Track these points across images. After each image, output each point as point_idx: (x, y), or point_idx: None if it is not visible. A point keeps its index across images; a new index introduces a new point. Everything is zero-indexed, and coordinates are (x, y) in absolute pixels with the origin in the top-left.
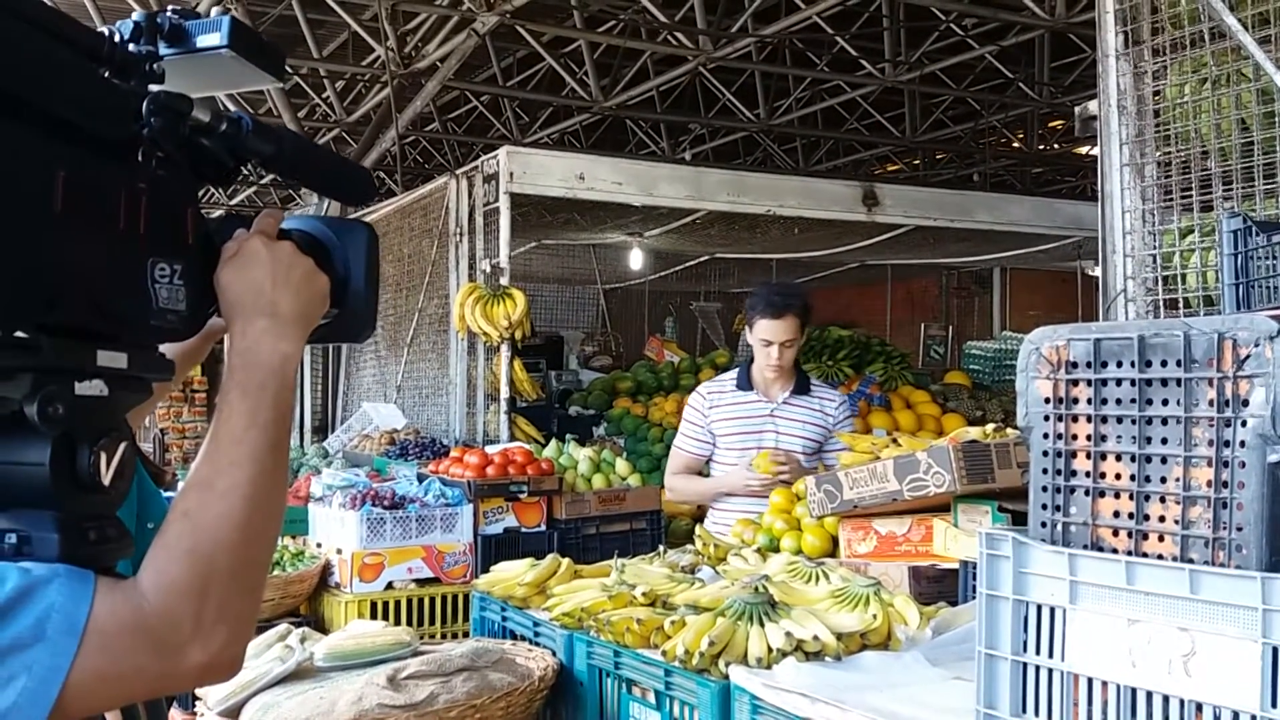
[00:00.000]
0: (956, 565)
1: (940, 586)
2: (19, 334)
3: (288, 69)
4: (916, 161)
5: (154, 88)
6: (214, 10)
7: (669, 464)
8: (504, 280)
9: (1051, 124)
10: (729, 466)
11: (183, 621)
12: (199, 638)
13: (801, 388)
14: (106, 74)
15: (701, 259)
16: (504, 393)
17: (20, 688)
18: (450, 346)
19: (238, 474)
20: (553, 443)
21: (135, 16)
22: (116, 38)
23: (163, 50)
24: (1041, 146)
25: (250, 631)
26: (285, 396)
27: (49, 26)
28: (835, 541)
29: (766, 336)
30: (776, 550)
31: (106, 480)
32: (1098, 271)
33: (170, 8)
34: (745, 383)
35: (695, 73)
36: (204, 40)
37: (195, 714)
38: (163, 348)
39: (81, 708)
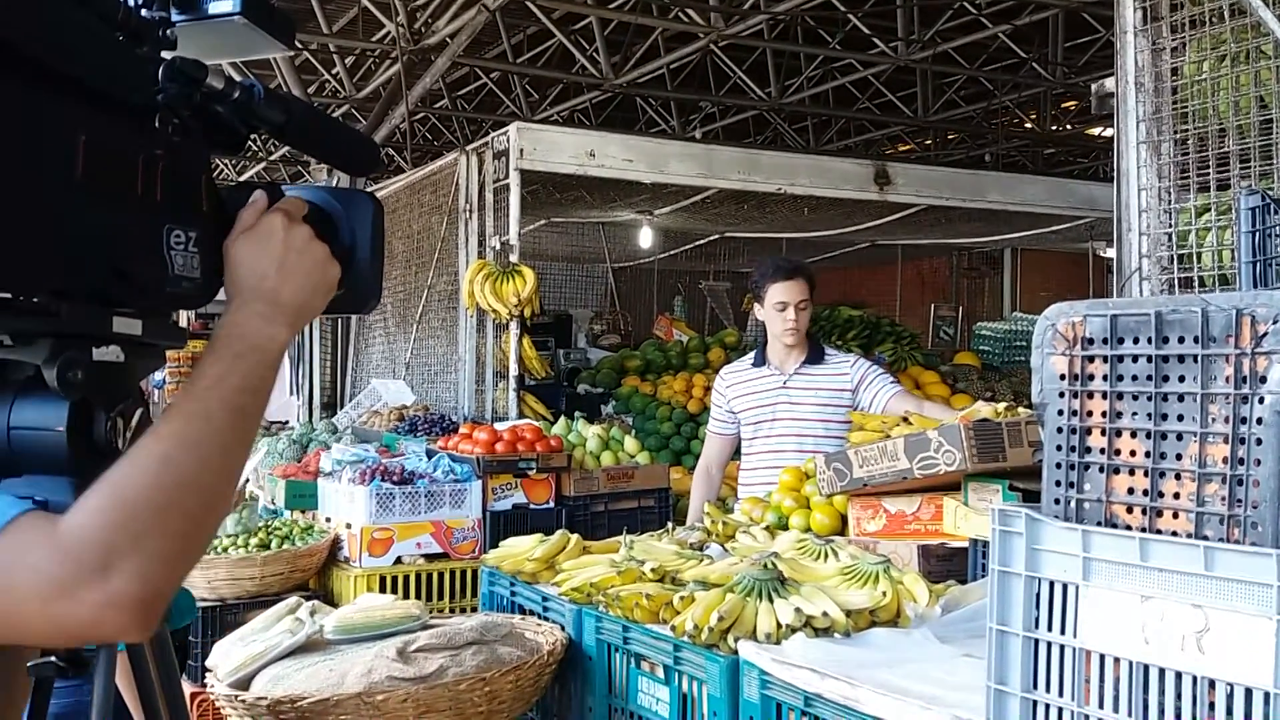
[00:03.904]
0: (966, 544)
1: (949, 565)
2: (37, 299)
3: (297, 43)
4: (928, 141)
5: (167, 54)
6: None
7: (704, 448)
8: (513, 257)
9: (1065, 104)
10: (749, 441)
11: (87, 539)
12: (102, 564)
13: (815, 357)
14: (122, 39)
15: (711, 238)
16: (513, 370)
17: None
18: (459, 323)
19: (182, 424)
20: (561, 420)
21: None
22: (131, 2)
23: (175, 16)
24: (1054, 127)
25: (168, 579)
26: (262, 373)
27: None
28: (844, 520)
29: (782, 299)
30: (785, 528)
31: (123, 446)
32: (1110, 253)
33: None
34: (761, 360)
35: (706, 50)
36: (216, 7)
37: (206, 686)
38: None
39: None
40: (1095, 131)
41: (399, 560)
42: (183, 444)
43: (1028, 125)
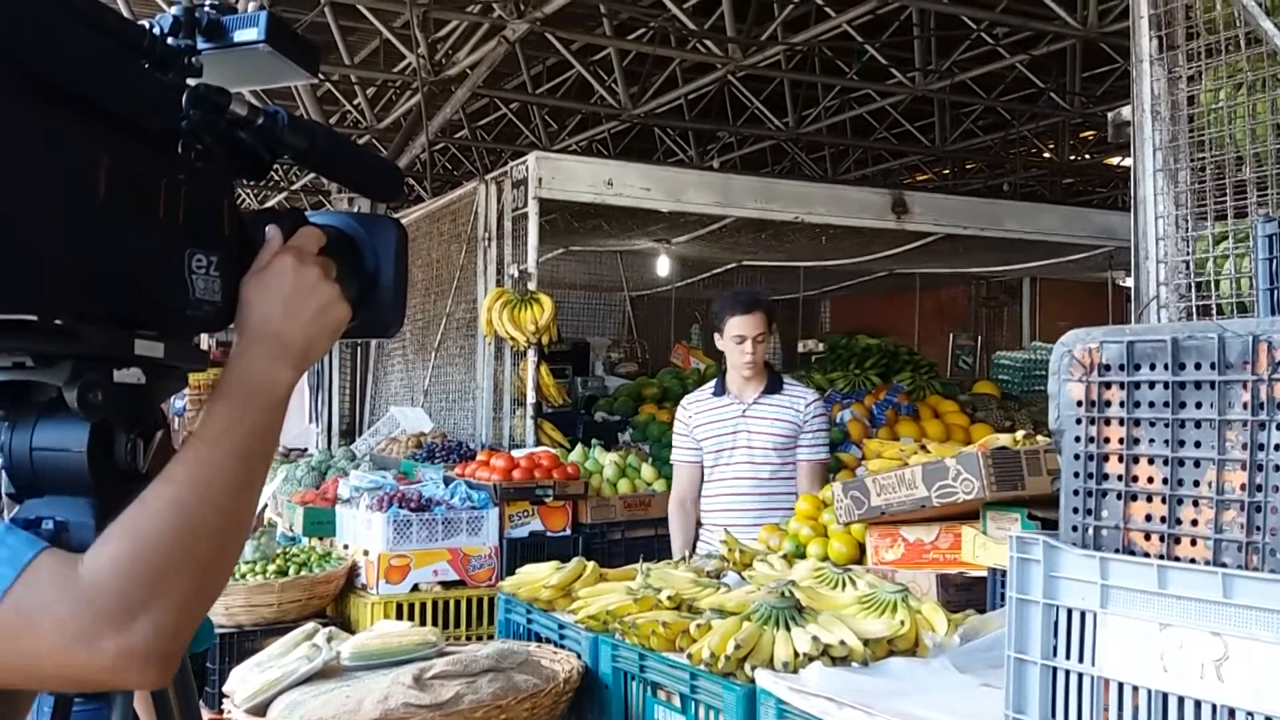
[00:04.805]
0: (985, 573)
1: (968, 595)
2: (58, 321)
3: (320, 74)
4: (946, 171)
5: (192, 81)
6: (250, 7)
7: (674, 480)
8: (532, 285)
9: (1083, 134)
10: (710, 469)
11: (107, 589)
12: (121, 615)
13: (773, 387)
14: (147, 66)
15: (728, 266)
16: (530, 397)
17: None
18: (477, 351)
19: (199, 470)
20: (578, 447)
21: (174, 11)
22: (156, 31)
23: (200, 44)
24: (1073, 157)
25: (185, 627)
26: (271, 416)
27: (94, 19)
28: (862, 548)
29: (740, 332)
30: (803, 556)
31: (144, 468)
32: (1129, 282)
33: (208, 2)
34: (720, 389)
35: (724, 81)
36: (241, 35)
37: (223, 711)
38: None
39: None
40: (1114, 161)
41: (416, 587)
42: (197, 492)
43: (1046, 155)
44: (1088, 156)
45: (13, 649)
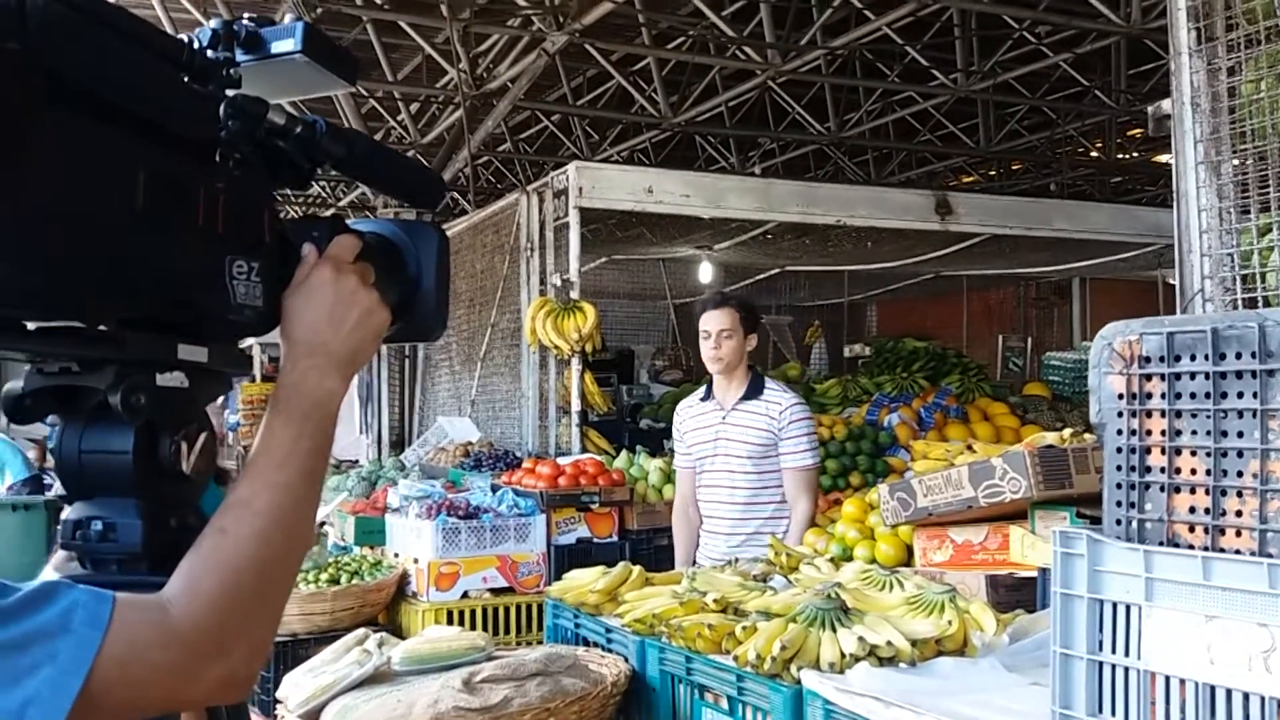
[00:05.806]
0: (1034, 573)
1: (1018, 595)
2: (102, 327)
3: (363, 92)
4: (992, 172)
5: (231, 92)
6: (289, 20)
7: (676, 486)
8: (574, 294)
9: (1130, 132)
10: (699, 475)
11: (207, 629)
12: (221, 650)
13: (753, 392)
14: (186, 79)
15: (772, 272)
16: (575, 405)
17: (43, 677)
18: (522, 360)
19: (274, 496)
20: (624, 454)
21: (213, 24)
22: (195, 44)
23: (239, 56)
24: (1120, 155)
25: (265, 656)
26: (326, 429)
27: (135, 33)
28: (910, 551)
29: (706, 327)
30: (850, 559)
31: (187, 469)
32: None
33: (246, 15)
34: (708, 394)
35: (764, 87)
36: (279, 46)
37: (276, 717)
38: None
39: (103, 707)
40: (1162, 159)
41: (465, 594)
42: (274, 518)
43: (1093, 154)
44: (1135, 154)
45: (122, 697)
